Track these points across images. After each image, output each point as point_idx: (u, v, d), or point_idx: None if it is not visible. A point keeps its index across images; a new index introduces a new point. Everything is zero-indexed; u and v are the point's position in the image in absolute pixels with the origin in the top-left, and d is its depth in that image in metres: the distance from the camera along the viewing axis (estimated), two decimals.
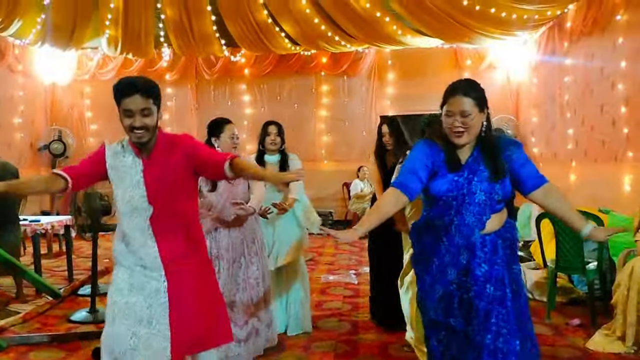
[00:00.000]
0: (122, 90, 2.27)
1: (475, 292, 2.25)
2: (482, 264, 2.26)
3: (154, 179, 2.35)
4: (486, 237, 2.28)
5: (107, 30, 8.47)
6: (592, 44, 6.18)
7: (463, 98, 2.25)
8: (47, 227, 5.64)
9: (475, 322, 2.24)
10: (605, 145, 5.82)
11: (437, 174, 2.31)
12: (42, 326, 4.32)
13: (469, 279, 2.27)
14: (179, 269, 2.39)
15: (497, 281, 2.26)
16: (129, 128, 2.28)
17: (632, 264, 3.76)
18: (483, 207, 2.25)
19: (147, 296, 2.35)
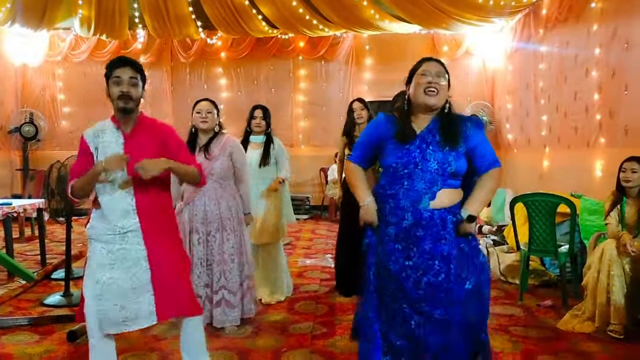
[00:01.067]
0: (115, 62, 2.55)
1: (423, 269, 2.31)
2: (427, 239, 2.31)
3: (134, 151, 2.49)
4: (435, 211, 2.32)
5: (79, 10, 8.27)
6: (566, 31, 6.25)
7: (436, 63, 2.43)
8: (19, 211, 5.53)
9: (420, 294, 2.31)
10: (578, 131, 5.92)
11: (387, 146, 2.41)
12: (15, 310, 4.26)
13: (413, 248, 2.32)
14: (157, 238, 2.57)
15: (442, 258, 2.31)
16: (117, 95, 2.50)
17: (603, 247, 3.85)
18: (435, 175, 2.32)
19: (129, 267, 2.51)
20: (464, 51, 9.37)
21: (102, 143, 2.54)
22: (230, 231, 3.74)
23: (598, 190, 5.13)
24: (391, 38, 9.30)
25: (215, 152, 3.72)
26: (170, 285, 2.56)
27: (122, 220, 2.52)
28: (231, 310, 3.75)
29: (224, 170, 3.73)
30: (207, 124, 3.72)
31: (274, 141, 4.49)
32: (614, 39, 5.16)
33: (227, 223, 3.73)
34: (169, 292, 2.56)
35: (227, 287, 3.73)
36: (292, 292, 4.70)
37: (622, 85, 5.02)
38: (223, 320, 3.74)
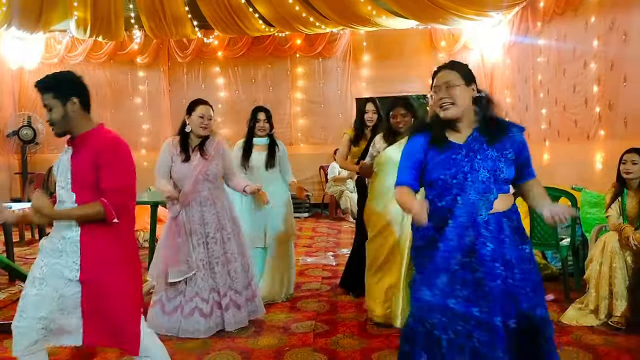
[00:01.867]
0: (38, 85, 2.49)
1: (484, 272, 2.18)
2: (487, 243, 2.20)
3: (76, 167, 2.41)
4: (489, 216, 2.22)
5: (75, 12, 8.23)
6: (564, 23, 6.23)
7: (446, 70, 2.31)
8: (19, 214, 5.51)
9: (484, 303, 2.17)
10: (578, 124, 5.90)
11: (429, 159, 2.31)
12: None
13: (474, 260, 2.20)
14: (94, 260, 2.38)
15: (504, 260, 2.20)
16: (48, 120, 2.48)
17: (604, 239, 3.85)
18: (488, 185, 2.22)
19: (57, 286, 2.36)
20: (461, 46, 9.33)
21: (61, 161, 2.49)
22: (231, 230, 3.74)
23: (599, 182, 5.12)
24: (388, 34, 9.27)
25: (211, 153, 3.71)
26: (104, 311, 2.39)
27: (61, 233, 2.40)
28: (237, 311, 3.74)
29: (220, 170, 3.73)
30: (207, 130, 3.70)
31: (278, 144, 4.49)
32: (612, 30, 5.14)
33: (227, 223, 3.72)
34: (102, 318, 2.39)
35: (234, 287, 3.72)
36: (294, 291, 4.68)
37: (620, 77, 5.00)
38: (234, 322, 3.71)
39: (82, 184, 2.40)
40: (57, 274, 2.37)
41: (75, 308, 2.38)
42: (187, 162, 3.65)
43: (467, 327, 2.18)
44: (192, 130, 3.68)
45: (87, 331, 2.39)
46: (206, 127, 3.67)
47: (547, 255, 5.15)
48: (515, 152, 2.28)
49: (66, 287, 2.36)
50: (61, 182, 2.45)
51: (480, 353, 2.16)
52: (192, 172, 3.63)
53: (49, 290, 2.36)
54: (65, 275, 2.36)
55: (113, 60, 9.83)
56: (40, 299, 2.35)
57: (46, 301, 2.35)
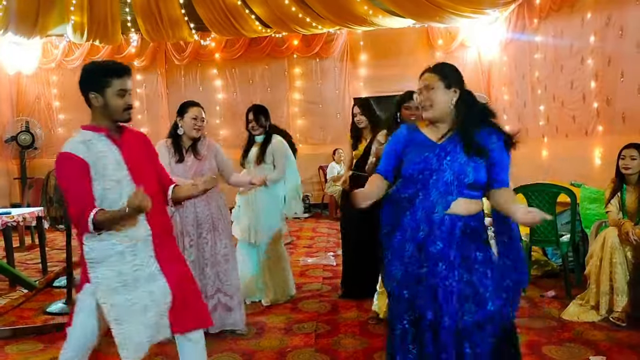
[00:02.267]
0: (117, 70, 2.33)
1: (427, 269, 2.27)
2: (437, 242, 2.28)
3: (132, 159, 2.38)
4: (446, 216, 2.28)
5: (72, 17, 8.23)
6: (561, 20, 6.23)
7: (427, 73, 2.38)
8: (19, 220, 5.50)
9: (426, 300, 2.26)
10: (576, 120, 5.90)
11: (409, 153, 2.38)
12: (17, 319, 4.24)
13: (423, 256, 2.29)
14: (163, 246, 2.45)
15: (448, 261, 2.26)
16: (124, 107, 2.35)
17: (604, 235, 3.85)
18: (450, 186, 2.27)
19: (144, 284, 2.35)
20: (458, 44, 9.35)
21: (96, 154, 2.30)
22: (222, 231, 3.70)
23: (597, 178, 5.12)
24: (385, 33, 9.27)
25: (204, 153, 3.70)
26: (186, 295, 2.44)
27: (136, 231, 2.34)
28: (228, 313, 3.64)
29: (213, 170, 3.69)
30: (200, 132, 3.68)
31: (273, 139, 4.40)
32: (608, 26, 5.15)
33: (219, 224, 3.68)
34: (185, 301, 2.43)
35: (223, 290, 3.64)
36: (295, 292, 4.67)
37: (618, 73, 5.01)
38: (222, 324, 3.63)
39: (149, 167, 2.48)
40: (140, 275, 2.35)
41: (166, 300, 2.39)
42: (181, 163, 3.65)
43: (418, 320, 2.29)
44: (185, 132, 3.65)
45: (176, 320, 2.40)
46: (199, 128, 3.65)
47: (547, 251, 5.15)
48: (489, 159, 2.29)
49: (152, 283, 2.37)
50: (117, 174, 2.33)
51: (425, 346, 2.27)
52: (186, 172, 3.61)
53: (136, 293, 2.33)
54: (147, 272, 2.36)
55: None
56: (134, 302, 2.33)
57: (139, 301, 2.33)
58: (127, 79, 2.35)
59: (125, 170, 2.34)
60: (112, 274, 2.31)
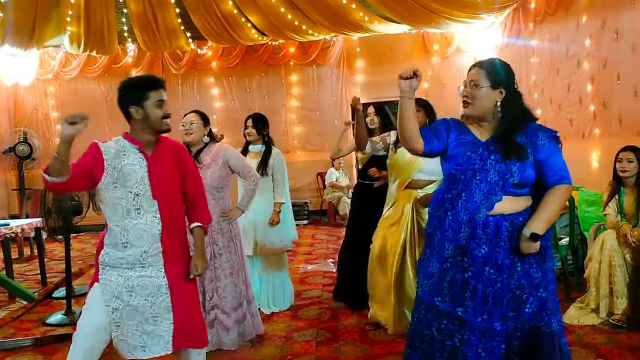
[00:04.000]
0: (153, 82, 2.47)
1: (472, 272, 2.21)
2: (482, 245, 2.21)
3: (157, 175, 2.46)
4: (490, 217, 2.22)
5: (68, 27, 8.24)
6: (556, 24, 6.26)
7: (476, 68, 2.33)
8: (17, 231, 5.49)
9: (470, 304, 2.20)
10: (573, 123, 5.92)
11: (454, 147, 2.35)
12: (17, 331, 4.23)
13: (466, 259, 2.23)
14: (174, 264, 2.50)
15: (496, 266, 2.20)
16: (163, 116, 2.45)
17: (603, 238, 3.85)
18: (494, 186, 2.22)
19: (148, 295, 2.43)
20: (454, 49, 9.37)
21: (126, 166, 2.41)
22: (223, 246, 3.56)
23: (595, 181, 5.13)
24: (381, 39, 9.30)
25: (206, 161, 3.56)
26: (189, 314, 2.49)
27: (147, 245, 2.42)
28: (225, 332, 3.53)
29: (215, 179, 3.54)
30: (192, 135, 3.57)
31: (272, 150, 4.38)
32: (603, 29, 5.17)
33: (218, 237, 3.55)
34: (187, 320, 2.49)
35: (220, 307, 3.52)
36: (295, 299, 4.66)
37: (614, 75, 5.03)
38: (217, 342, 3.51)
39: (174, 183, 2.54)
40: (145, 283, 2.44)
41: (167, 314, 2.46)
42: None
43: (450, 326, 2.22)
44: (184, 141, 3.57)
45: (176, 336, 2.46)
46: (189, 131, 3.57)
47: None
48: (537, 157, 2.24)
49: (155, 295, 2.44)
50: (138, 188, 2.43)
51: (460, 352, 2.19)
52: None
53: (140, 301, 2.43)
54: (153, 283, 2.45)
55: (108, 73, 9.82)
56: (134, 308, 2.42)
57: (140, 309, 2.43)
58: (162, 90, 2.47)
59: (147, 186, 2.44)
60: (120, 279, 2.42)
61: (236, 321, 3.58)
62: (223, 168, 3.59)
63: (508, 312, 2.20)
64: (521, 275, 2.22)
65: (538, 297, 2.21)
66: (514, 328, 2.20)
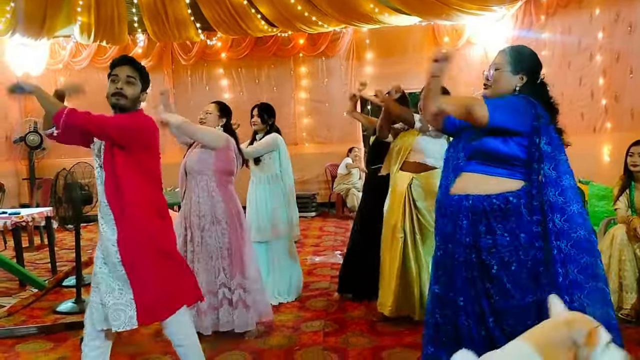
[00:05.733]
0: (115, 61, 2.61)
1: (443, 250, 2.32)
2: (447, 224, 2.30)
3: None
4: (454, 196, 2.28)
5: (79, 18, 8.27)
6: (568, 16, 6.20)
7: (501, 53, 2.32)
8: (28, 220, 5.54)
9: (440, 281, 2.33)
10: (584, 117, 5.87)
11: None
12: (28, 318, 4.27)
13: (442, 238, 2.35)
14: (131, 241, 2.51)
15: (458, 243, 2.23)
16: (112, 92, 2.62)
17: (613, 232, 3.83)
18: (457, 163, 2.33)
19: (111, 269, 2.51)
20: (465, 41, 9.31)
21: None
22: (228, 225, 3.54)
23: (606, 175, 5.09)
24: (391, 31, 9.25)
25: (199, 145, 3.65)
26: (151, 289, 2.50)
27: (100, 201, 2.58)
28: (233, 311, 3.54)
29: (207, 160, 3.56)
30: (205, 124, 3.74)
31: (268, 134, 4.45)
32: (617, 22, 5.12)
33: (222, 217, 3.53)
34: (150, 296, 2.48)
35: (228, 285, 3.53)
36: (302, 291, 4.67)
37: (626, 69, 4.98)
38: (225, 323, 3.54)
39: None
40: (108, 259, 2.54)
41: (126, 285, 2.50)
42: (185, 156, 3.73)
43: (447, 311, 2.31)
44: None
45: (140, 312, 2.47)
46: (203, 120, 3.82)
47: None
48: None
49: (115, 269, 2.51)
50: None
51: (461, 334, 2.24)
52: (182, 165, 3.69)
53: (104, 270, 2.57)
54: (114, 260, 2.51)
55: None
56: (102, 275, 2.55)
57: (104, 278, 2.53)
58: (124, 66, 2.58)
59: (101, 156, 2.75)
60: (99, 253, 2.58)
61: (209, 307, 3.53)
62: (205, 151, 3.57)
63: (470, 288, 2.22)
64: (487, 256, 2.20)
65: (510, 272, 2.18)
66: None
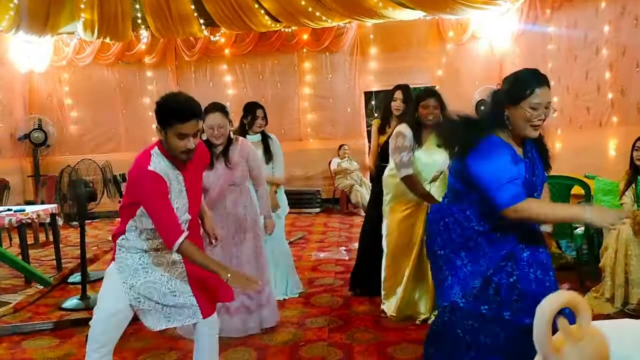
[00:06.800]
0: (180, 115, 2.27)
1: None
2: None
3: (192, 186, 2.47)
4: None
5: (82, 14, 8.26)
6: (574, 10, 6.16)
7: (548, 89, 2.18)
8: (33, 217, 5.56)
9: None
10: (590, 111, 5.84)
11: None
12: (33, 315, 4.29)
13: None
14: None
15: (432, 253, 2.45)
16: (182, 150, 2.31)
17: (619, 227, 3.80)
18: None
19: (164, 270, 2.47)
20: (469, 35, 9.25)
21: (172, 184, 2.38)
22: (248, 232, 3.62)
23: (612, 170, 5.07)
24: (395, 26, 9.20)
25: (235, 160, 3.55)
26: (206, 277, 2.50)
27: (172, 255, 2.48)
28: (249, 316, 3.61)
29: (244, 177, 3.62)
30: (221, 139, 3.47)
31: (271, 137, 4.42)
32: (623, 15, 5.08)
33: (244, 226, 3.60)
34: (206, 283, 2.52)
35: (245, 292, 3.52)
36: (307, 287, 4.67)
37: (633, 63, 4.94)
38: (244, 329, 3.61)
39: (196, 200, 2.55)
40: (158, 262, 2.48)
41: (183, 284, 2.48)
42: (211, 170, 3.47)
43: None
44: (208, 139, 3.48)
45: (202, 305, 2.49)
46: (218, 137, 3.45)
47: (561, 244, 5.09)
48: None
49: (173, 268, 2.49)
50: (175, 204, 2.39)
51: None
52: (217, 181, 3.51)
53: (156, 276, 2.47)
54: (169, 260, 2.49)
55: (121, 60, 9.86)
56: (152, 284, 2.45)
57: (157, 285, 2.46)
58: (190, 122, 2.27)
59: (185, 199, 2.44)
60: (135, 257, 2.45)
61: (259, 304, 3.65)
62: (247, 165, 3.61)
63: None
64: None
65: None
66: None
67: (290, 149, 4.70)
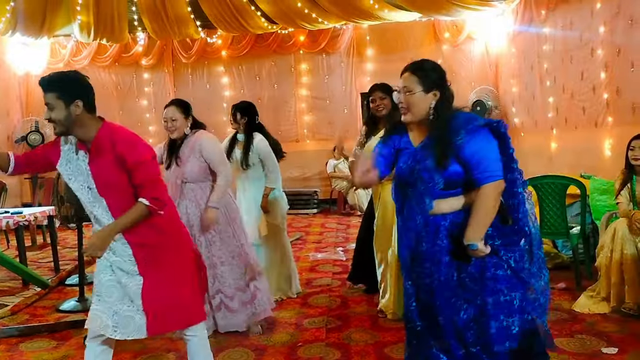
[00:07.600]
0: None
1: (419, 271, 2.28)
2: (423, 243, 2.24)
3: (98, 172, 2.40)
4: (429, 217, 2.21)
5: (78, 16, 8.27)
6: (569, 10, 6.18)
7: (407, 73, 2.25)
8: (30, 219, 5.56)
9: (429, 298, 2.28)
10: (586, 111, 5.86)
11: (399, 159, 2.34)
12: (31, 317, 4.29)
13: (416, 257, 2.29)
14: (147, 253, 2.47)
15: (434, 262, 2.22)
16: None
17: (614, 226, 3.82)
18: (423, 194, 2.19)
19: (124, 276, 2.45)
20: (465, 36, 9.28)
21: (74, 161, 2.43)
22: (216, 233, 3.55)
23: (608, 169, 5.09)
24: (392, 27, 9.24)
25: (185, 155, 3.48)
26: (162, 299, 2.46)
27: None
28: (232, 314, 3.58)
29: (195, 172, 3.48)
30: (176, 132, 3.46)
31: (253, 142, 4.23)
32: (618, 16, 5.10)
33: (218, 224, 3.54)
34: (161, 306, 2.46)
35: (223, 291, 3.56)
36: (305, 287, 4.69)
37: (628, 63, 4.97)
38: (225, 325, 3.58)
39: (109, 186, 2.40)
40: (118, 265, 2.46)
41: (136, 299, 2.44)
42: (169, 168, 3.53)
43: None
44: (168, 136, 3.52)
45: (150, 322, 2.45)
46: (172, 129, 3.45)
47: (557, 243, 5.12)
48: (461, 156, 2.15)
49: (127, 278, 2.45)
50: (80, 186, 2.42)
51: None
52: (171, 178, 3.50)
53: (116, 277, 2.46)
54: (125, 269, 2.45)
55: (118, 62, 9.87)
56: (113, 284, 2.45)
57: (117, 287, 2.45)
58: (45, 94, 2.37)
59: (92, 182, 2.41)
60: (107, 254, 2.44)
61: (243, 302, 3.62)
62: (202, 159, 3.48)
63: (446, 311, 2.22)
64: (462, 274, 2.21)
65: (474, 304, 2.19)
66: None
67: (287, 150, 4.66)
